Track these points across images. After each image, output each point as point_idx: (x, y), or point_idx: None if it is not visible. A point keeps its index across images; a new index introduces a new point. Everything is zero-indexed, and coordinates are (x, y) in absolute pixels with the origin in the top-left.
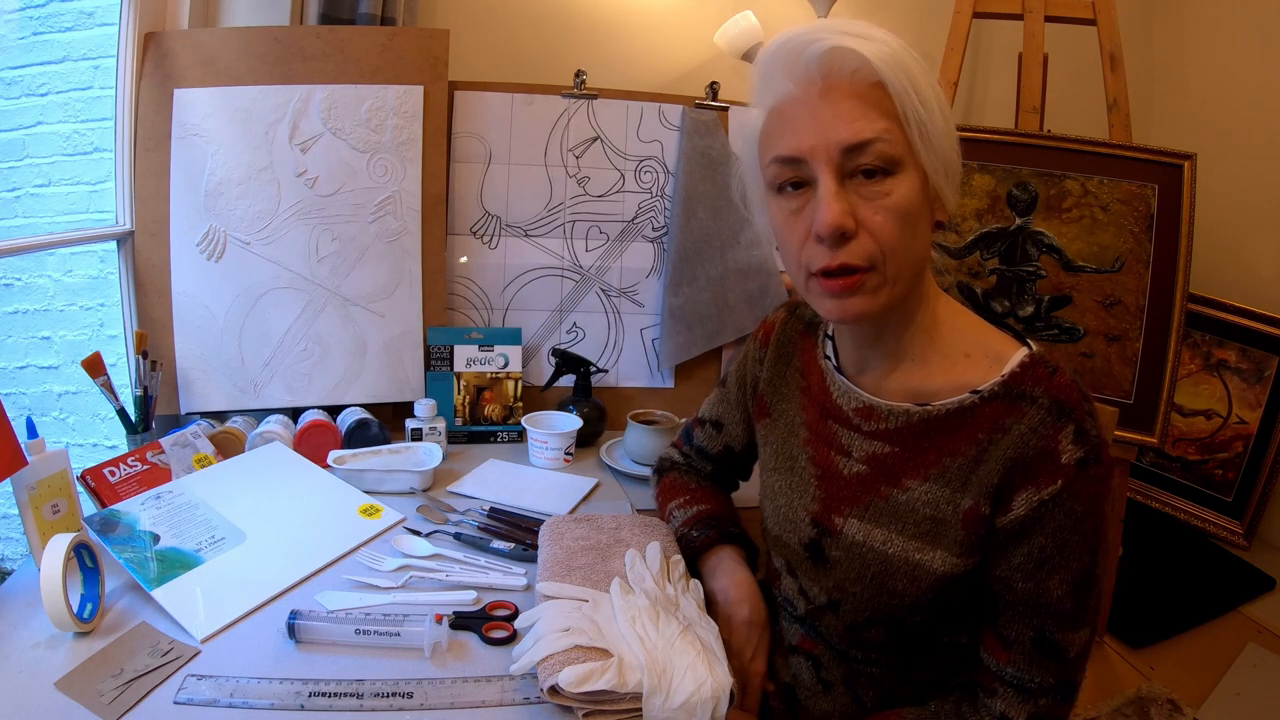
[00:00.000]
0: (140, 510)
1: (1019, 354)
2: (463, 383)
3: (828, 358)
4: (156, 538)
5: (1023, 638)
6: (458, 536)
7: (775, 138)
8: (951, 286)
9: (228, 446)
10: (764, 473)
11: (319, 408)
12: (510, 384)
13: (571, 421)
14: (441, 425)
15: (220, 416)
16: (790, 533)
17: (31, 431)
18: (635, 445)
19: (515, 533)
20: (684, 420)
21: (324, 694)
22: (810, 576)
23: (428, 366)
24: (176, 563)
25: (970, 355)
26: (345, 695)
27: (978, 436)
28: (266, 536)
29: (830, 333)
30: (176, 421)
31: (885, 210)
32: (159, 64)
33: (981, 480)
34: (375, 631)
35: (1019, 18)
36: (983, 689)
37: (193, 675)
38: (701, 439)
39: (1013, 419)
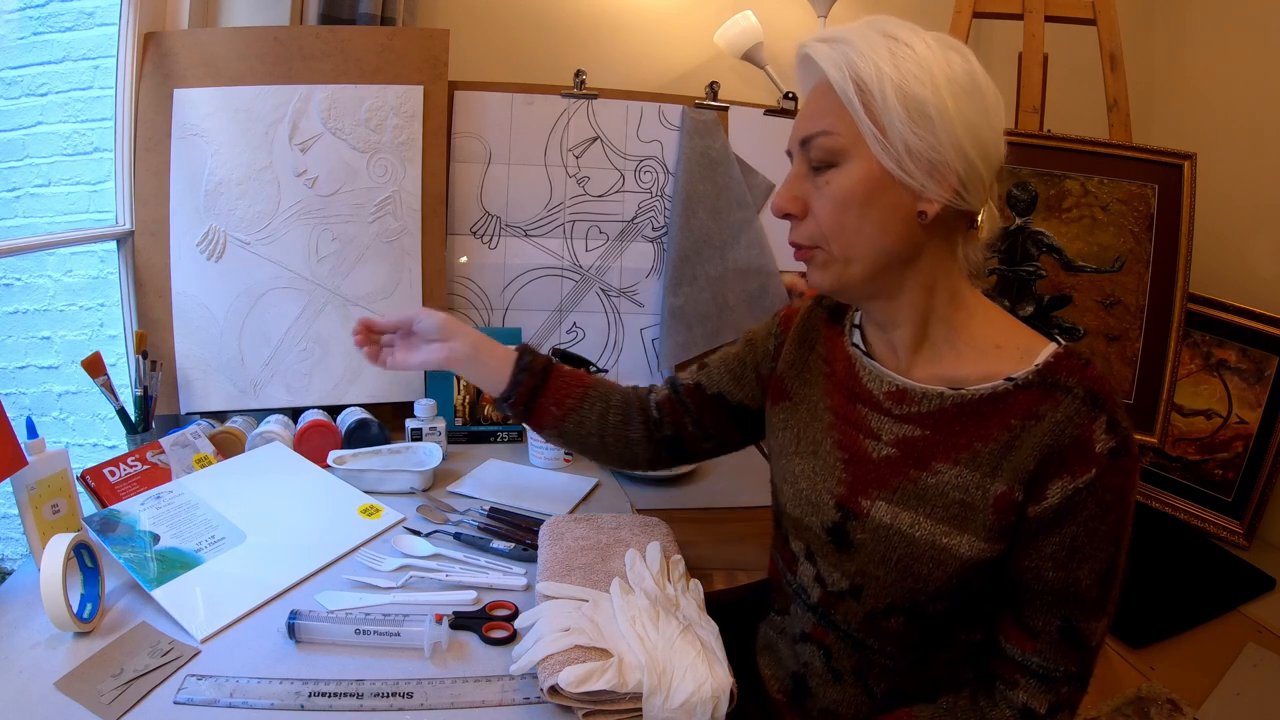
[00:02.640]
0: (140, 510)
1: (1050, 347)
2: (463, 382)
3: (855, 345)
4: (156, 538)
5: (1050, 627)
6: (458, 536)
7: None
8: None
9: (228, 446)
10: (783, 457)
11: (319, 408)
12: None
13: None
14: (441, 425)
15: (220, 416)
16: (812, 516)
17: (31, 431)
18: None
19: (515, 533)
20: None
21: (324, 694)
22: (831, 561)
23: None
24: (176, 563)
25: (1001, 347)
26: (345, 695)
27: (1010, 422)
28: (266, 536)
29: (857, 321)
30: (176, 421)
31: (825, 198)
32: (159, 64)
33: (1014, 466)
34: (375, 631)
35: (1019, 18)
36: (1002, 680)
37: (193, 675)
38: (682, 375)
39: (1047, 407)
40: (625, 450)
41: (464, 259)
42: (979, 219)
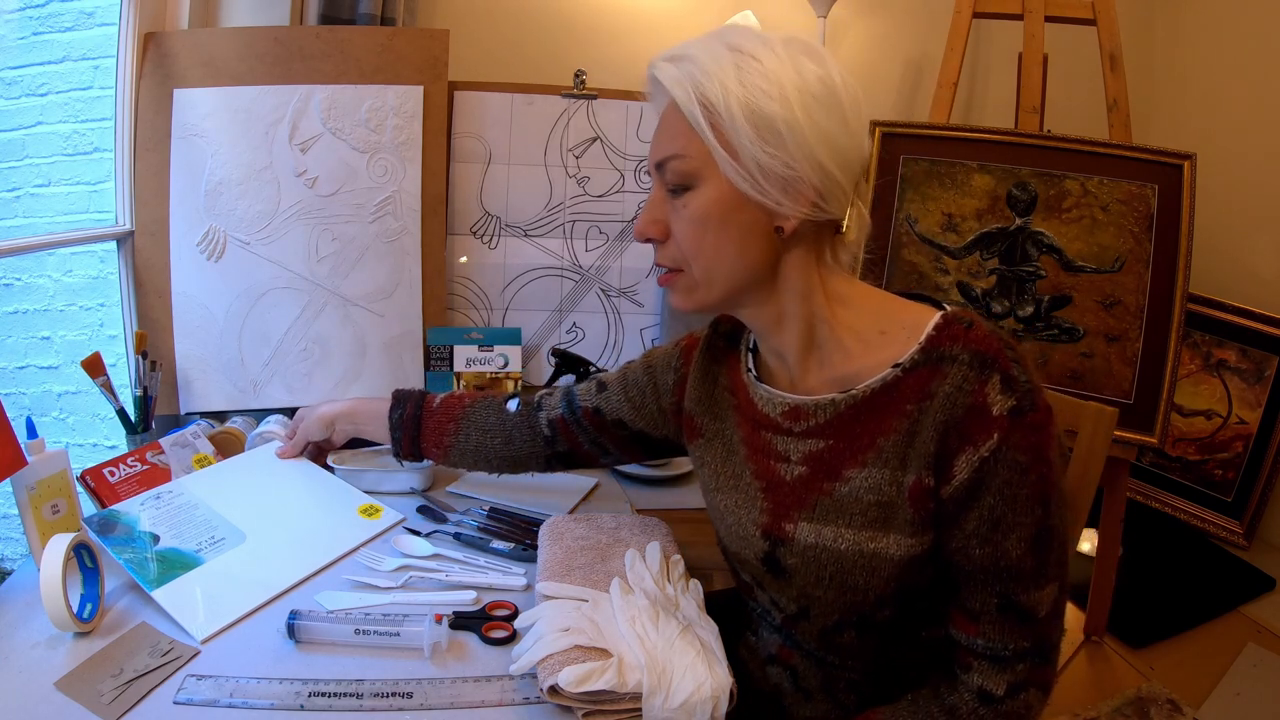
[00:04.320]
0: (140, 511)
1: (933, 318)
2: (462, 383)
3: (749, 370)
4: (156, 538)
5: (988, 606)
6: (458, 536)
7: None
8: (951, 287)
9: (228, 446)
10: (707, 494)
11: None
12: (510, 384)
13: None
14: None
15: (220, 416)
16: (746, 549)
17: (31, 431)
18: None
19: (515, 533)
20: None
21: (324, 694)
22: (775, 588)
23: (427, 366)
24: (176, 563)
25: (886, 331)
26: (345, 695)
27: (906, 409)
28: (266, 537)
29: (751, 345)
30: (176, 421)
31: (683, 220)
32: (159, 64)
33: (919, 452)
34: (375, 631)
35: (1019, 18)
36: (958, 665)
37: (192, 675)
38: (580, 393)
39: (937, 382)
40: (514, 466)
41: (464, 259)
42: (845, 224)
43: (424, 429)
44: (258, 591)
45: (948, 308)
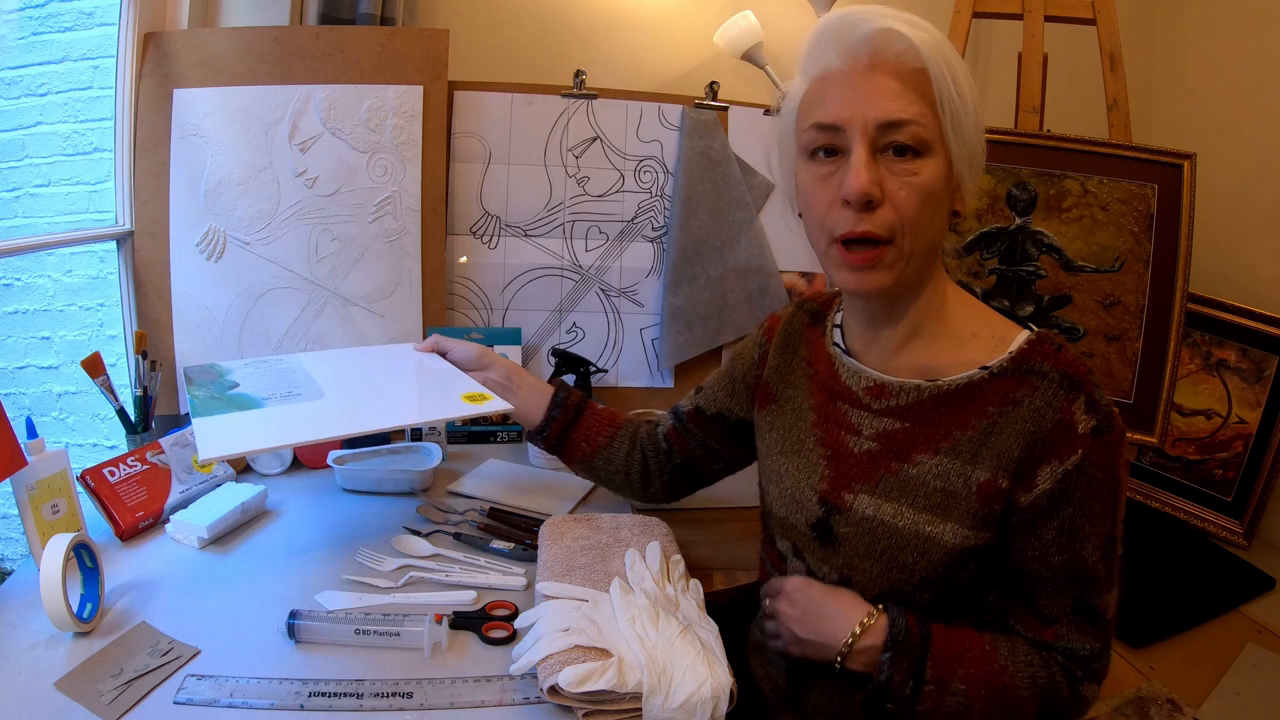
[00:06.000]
0: (239, 367)
1: (1023, 334)
2: None
3: (836, 344)
4: (236, 385)
5: (1064, 610)
6: (457, 536)
7: (816, 105)
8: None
9: None
10: (768, 458)
11: None
12: None
13: None
14: (442, 425)
15: None
16: (797, 513)
17: (31, 431)
18: None
19: (515, 533)
20: None
21: (324, 694)
22: (819, 556)
23: None
24: (235, 404)
25: (977, 335)
26: (345, 695)
27: (988, 409)
28: (344, 395)
29: (838, 321)
30: (176, 421)
31: (910, 187)
32: (159, 64)
33: (996, 453)
34: (375, 631)
35: (1019, 18)
36: None
37: (192, 675)
38: (683, 401)
39: (1023, 392)
40: (645, 484)
41: (464, 259)
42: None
43: (582, 422)
44: (298, 430)
45: (1034, 328)
